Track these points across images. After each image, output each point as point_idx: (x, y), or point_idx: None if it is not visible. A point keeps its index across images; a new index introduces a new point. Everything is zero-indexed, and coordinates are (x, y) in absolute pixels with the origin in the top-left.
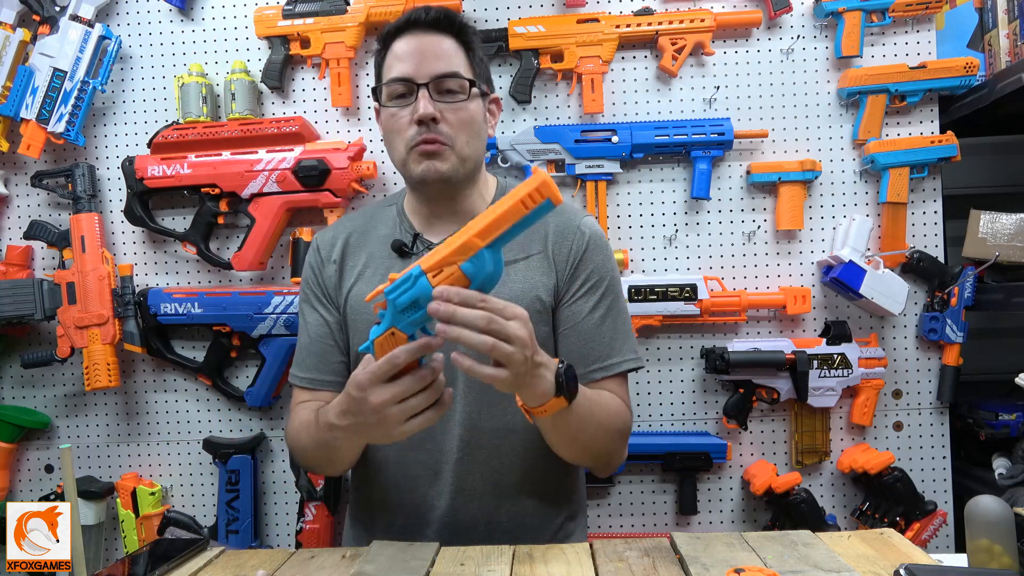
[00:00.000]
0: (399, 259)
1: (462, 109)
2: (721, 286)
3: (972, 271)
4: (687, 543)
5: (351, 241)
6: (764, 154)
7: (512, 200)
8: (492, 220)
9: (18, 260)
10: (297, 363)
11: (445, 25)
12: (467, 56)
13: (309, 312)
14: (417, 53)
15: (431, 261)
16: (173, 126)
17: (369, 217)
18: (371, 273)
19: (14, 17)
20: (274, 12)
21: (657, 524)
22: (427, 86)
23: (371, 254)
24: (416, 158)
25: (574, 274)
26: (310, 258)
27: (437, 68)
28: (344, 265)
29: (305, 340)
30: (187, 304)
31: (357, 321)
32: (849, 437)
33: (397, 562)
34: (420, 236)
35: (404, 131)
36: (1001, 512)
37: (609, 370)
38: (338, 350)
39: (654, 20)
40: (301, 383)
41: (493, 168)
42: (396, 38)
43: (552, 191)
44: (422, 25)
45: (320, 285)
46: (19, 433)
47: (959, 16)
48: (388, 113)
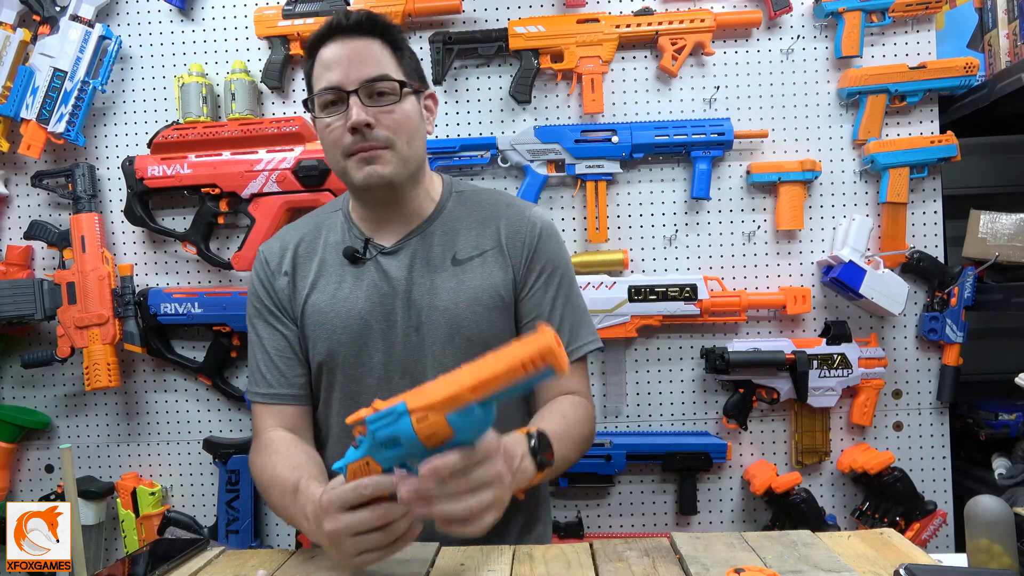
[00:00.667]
0: (351, 266)
1: (395, 111)
2: (721, 286)
3: (972, 271)
4: (687, 543)
5: (300, 250)
6: (764, 154)
7: (512, 360)
8: (488, 376)
9: (18, 260)
10: (254, 381)
11: (368, 28)
12: (394, 56)
13: (263, 328)
14: (344, 60)
15: (418, 402)
16: (173, 126)
17: (316, 224)
18: (325, 282)
19: (14, 17)
20: (274, 12)
21: (657, 524)
22: (357, 92)
23: (323, 261)
24: (355, 165)
25: (530, 265)
26: (258, 272)
27: (365, 73)
28: (296, 275)
29: (262, 356)
30: (187, 304)
31: (316, 331)
32: (849, 437)
33: (397, 562)
34: (371, 241)
35: (340, 140)
36: (1001, 512)
37: (573, 355)
38: (298, 363)
39: (654, 20)
40: (263, 399)
41: (493, 168)
42: (321, 46)
43: (557, 360)
44: (345, 30)
45: (273, 299)
46: (19, 433)
47: (959, 16)
48: (322, 124)
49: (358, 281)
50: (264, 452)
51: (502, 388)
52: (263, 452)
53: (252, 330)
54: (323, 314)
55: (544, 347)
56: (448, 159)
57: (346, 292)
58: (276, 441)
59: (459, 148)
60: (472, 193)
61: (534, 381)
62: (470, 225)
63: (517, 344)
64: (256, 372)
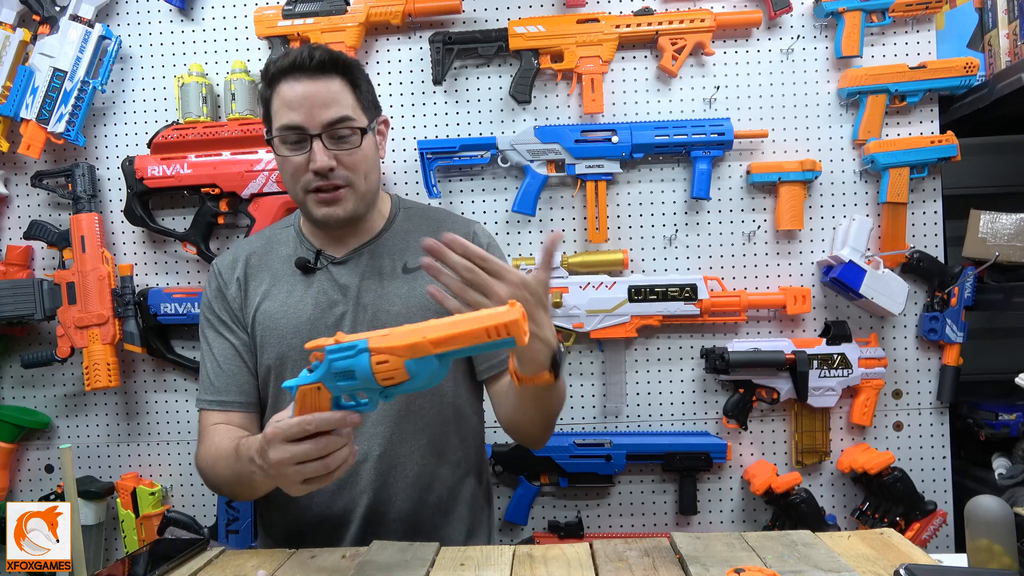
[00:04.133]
0: (303, 275)
1: (356, 152)
2: (721, 286)
3: (972, 271)
4: (687, 543)
5: (252, 262)
6: (764, 154)
7: (478, 324)
8: (452, 334)
9: (18, 260)
10: (204, 388)
11: (330, 67)
12: (353, 93)
13: (215, 337)
14: (306, 101)
15: (380, 344)
16: (173, 126)
17: (267, 239)
18: (277, 291)
19: (14, 17)
20: (274, 12)
21: (657, 524)
22: (320, 136)
23: (275, 273)
24: (315, 203)
25: None
26: (211, 284)
27: (327, 116)
28: (247, 285)
29: (212, 364)
30: (187, 304)
31: (267, 336)
32: (849, 437)
33: (397, 562)
34: (323, 252)
35: (300, 175)
36: (1001, 512)
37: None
38: (247, 371)
39: (654, 20)
40: (211, 406)
41: (493, 168)
42: (281, 80)
43: (519, 332)
44: (307, 70)
45: (225, 308)
46: (19, 433)
47: (959, 16)
48: (282, 159)
49: (308, 289)
50: (207, 440)
51: (463, 347)
52: (206, 442)
53: (203, 340)
54: (274, 319)
55: (511, 320)
56: (448, 159)
57: (296, 299)
58: (220, 429)
59: (459, 148)
60: (419, 209)
61: (493, 348)
62: (419, 237)
63: (486, 311)
64: (206, 380)
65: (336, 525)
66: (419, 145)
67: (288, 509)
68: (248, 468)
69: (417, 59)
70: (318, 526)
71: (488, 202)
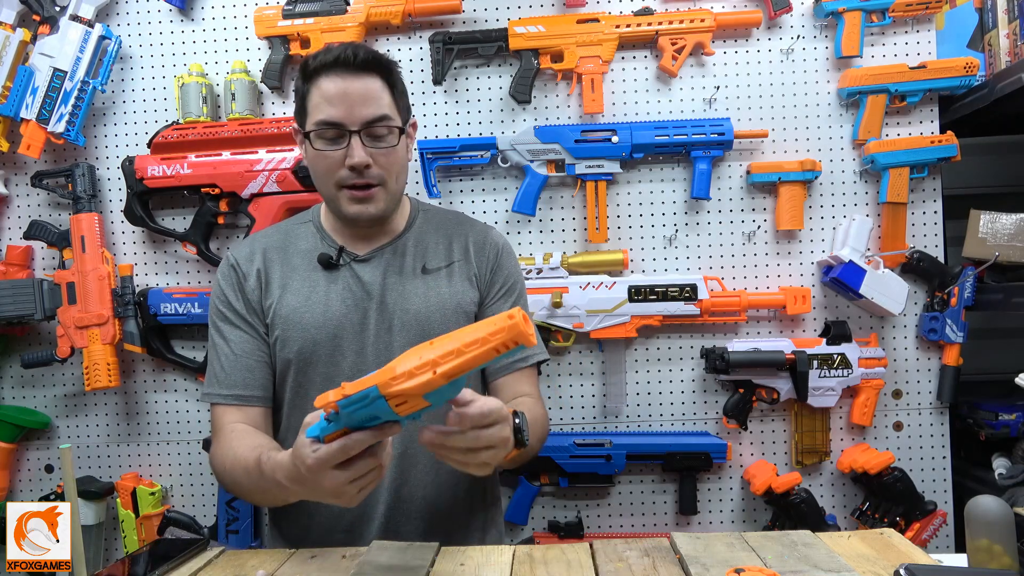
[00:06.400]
0: (324, 271)
1: (392, 152)
2: (721, 286)
3: (972, 271)
4: (687, 543)
5: (268, 256)
6: (764, 154)
7: (487, 346)
8: (462, 363)
9: (18, 260)
10: (216, 381)
11: (373, 66)
12: (392, 94)
13: (230, 330)
14: (347, 97)
15: (394, 389)
16: (173, 126)
17: (284, 233)
18: (297, 285)
19: (14, 17)
20: (274, 12)
21: (657, 524)
22: (359, 133)
23: (294, 267)
24: (347, 200)
25: (492, 279)
26: (226, 276)
27: (367, 114)
28: (265, 278)
29: (228, 357)
30: (187, 304)
31: (288, 331)
32: (849, 437)
33: (397, 562)
34: (345, 249)
35: (334, 171)
36: (1001, 512)
37: (526, 361)
38: (266, 364)
39: (654, 20)
40: (226, 400)
41: (493, 168)
42: (322, 74)
43: (526, 338)
44: (351, 67)
45: (243, 300)
46: (19, 433)
47: (959, 16)
48: (317, 152)
49: (331, 285)
50: (224, 442)
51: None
52: (223, 443)
53: (216, 333)
54: (298, 313)
55: (516, 333)
56: (448, 159)
57: (320, 295)
58: (238, 430)
59: (459, 148)
60: (436, 212)
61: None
62: (438, 239)
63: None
64: (220, 373)
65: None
66: (419, 145)
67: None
68: (276, 488)
69: (417, 59)
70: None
71: (488, 202)
